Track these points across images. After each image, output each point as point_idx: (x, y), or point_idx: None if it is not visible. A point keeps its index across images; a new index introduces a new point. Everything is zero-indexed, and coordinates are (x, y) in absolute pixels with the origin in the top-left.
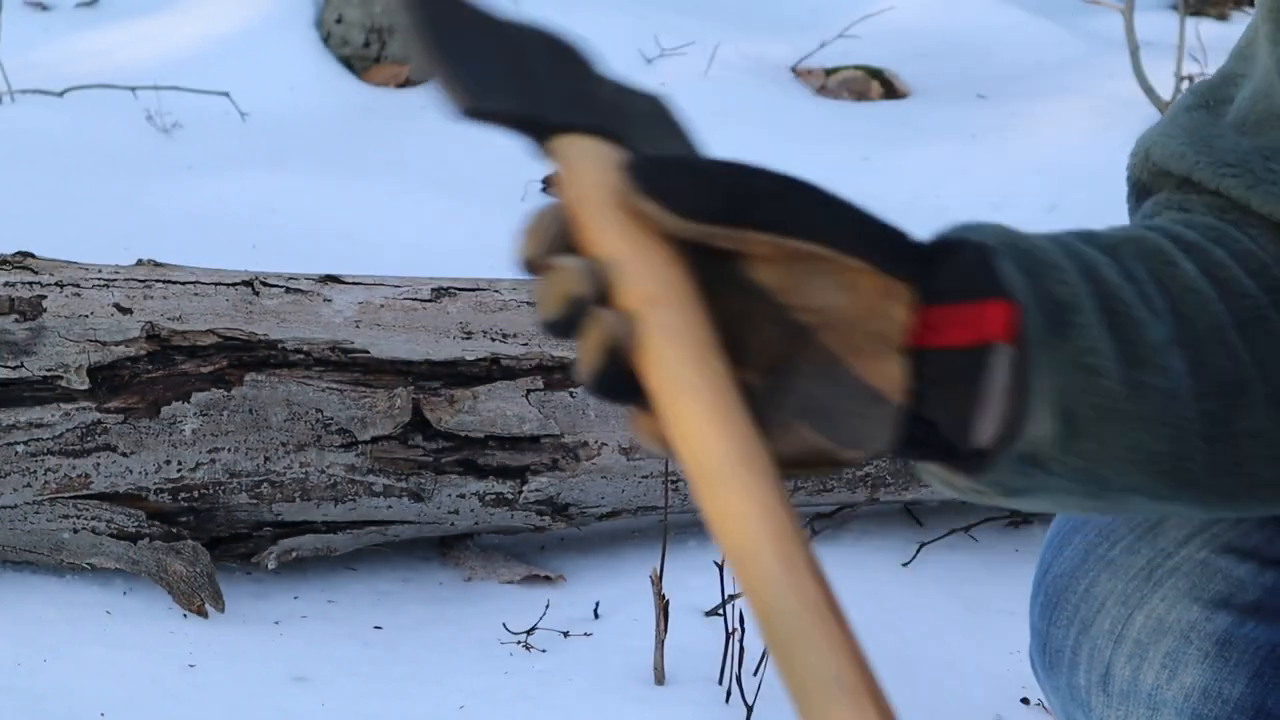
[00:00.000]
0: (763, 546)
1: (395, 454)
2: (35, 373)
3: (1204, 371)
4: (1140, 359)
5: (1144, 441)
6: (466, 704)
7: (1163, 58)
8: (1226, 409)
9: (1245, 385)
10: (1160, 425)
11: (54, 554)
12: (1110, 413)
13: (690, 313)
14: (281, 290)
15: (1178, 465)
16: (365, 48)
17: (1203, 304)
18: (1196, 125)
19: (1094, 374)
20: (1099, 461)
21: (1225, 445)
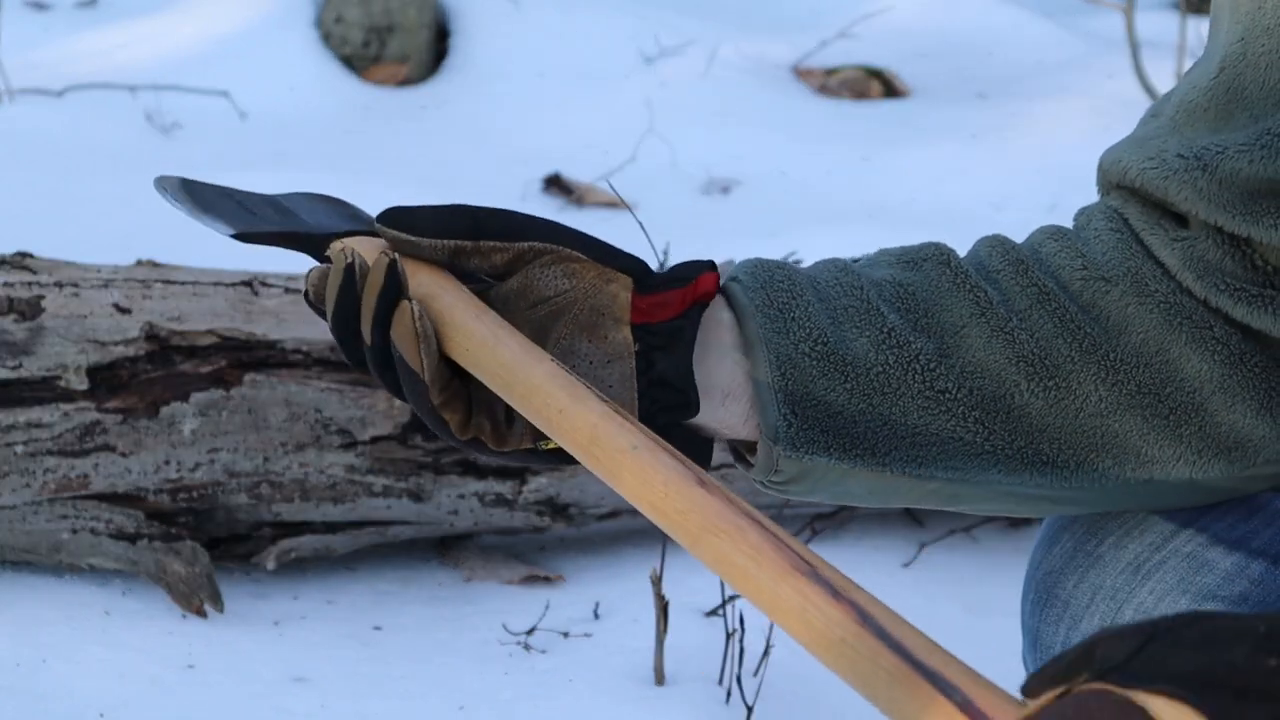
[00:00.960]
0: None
1: (395, 454)
2: (34, 373)
3: (961, 351)
4: (870, 337)
5: (902, 412)
6: (466, 704)
7: (1163, 57)
8: (995, 384)
9: (1012, 363)
10: (913, 395)
11: (53, 554)
12: (839, 383)
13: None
14: (281, 290)
15: (952, 435)
16: (365, 47)
17: (965, 297)
18: (1142, 133)
19: (807, 342)
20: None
21: (1001, 417)
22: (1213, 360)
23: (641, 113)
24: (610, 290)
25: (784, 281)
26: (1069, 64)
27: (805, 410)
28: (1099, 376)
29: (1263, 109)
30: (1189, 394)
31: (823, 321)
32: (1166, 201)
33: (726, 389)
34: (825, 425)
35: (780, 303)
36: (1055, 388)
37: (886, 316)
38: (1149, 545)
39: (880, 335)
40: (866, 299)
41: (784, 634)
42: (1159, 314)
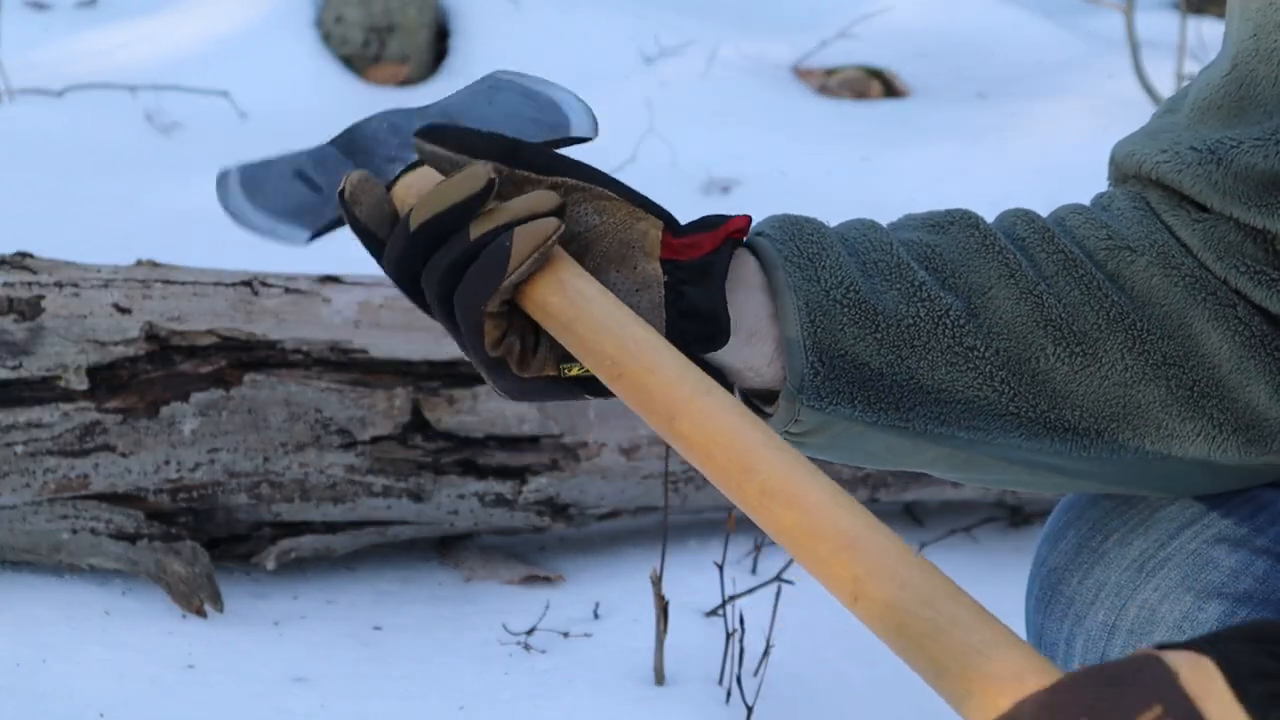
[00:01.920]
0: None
1: (395, 454)
2: (34, 373)
3: (988, 311)
4: (900, 291)
5: (929, 367)
6: (466, 704)
7: (1163, 57)
8: (1022, 346)
9: (1039, 326)
10: (941, 351)
11: (53, 554)
12: (868, 333)
13: None
14: (281, 290)
15: (977, 395)
16: (365, 47)
17: (994, 259)
18: (1155, 126)
19: (838, 290)
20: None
21: (1026, 379)
22: (1233, 340)
23: (641, 113)
24: (640, 227)
25: (812, 234)
26: (1069, 64)
27: (832, 360)
28: (1125, 345)
29: (1276, 105)
30: (1209, 369)
31: (853, 272)
32: (1182, 192)
33: (752, 329)
34: (851, 376)
35: (809, 253)
36: (1081, 353)
37: (916, 272)
38: (1154, 542)
39: (910, 289)
40: (896, 255)
41: (784, 634)
42: (1183, 288)
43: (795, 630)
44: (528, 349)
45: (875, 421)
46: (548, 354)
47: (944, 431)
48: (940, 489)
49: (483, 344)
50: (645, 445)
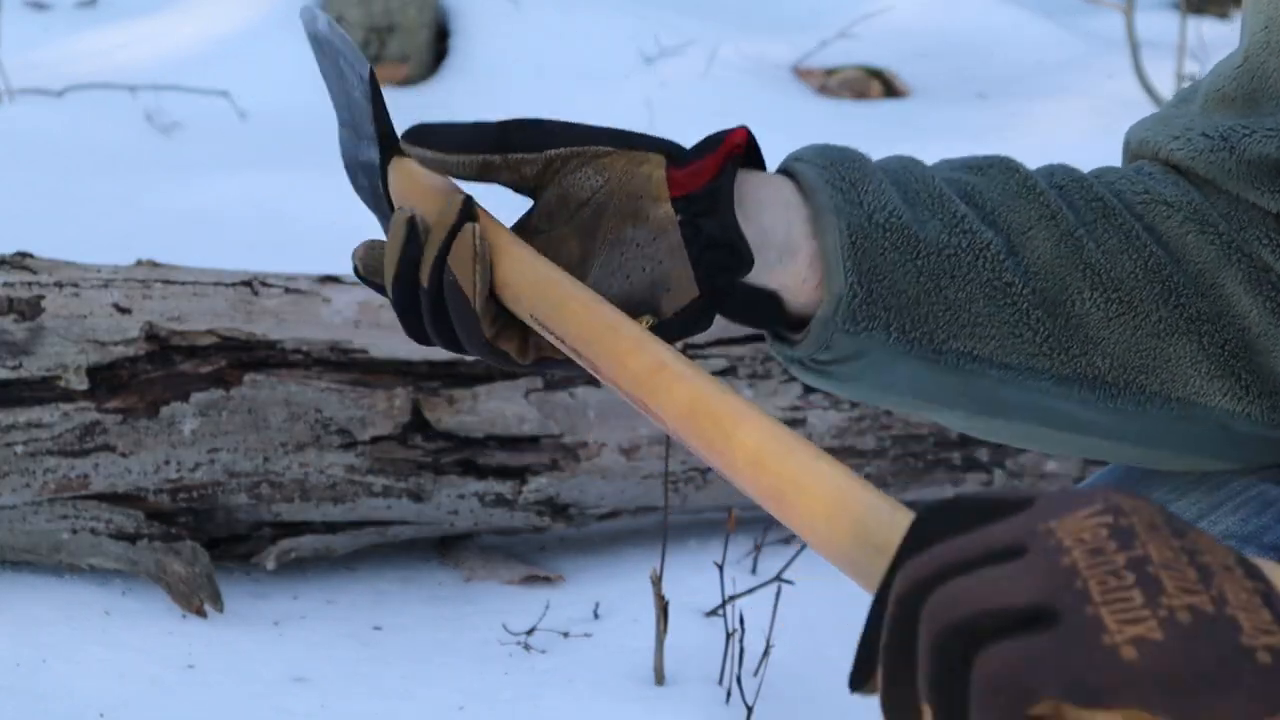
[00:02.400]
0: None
1: (395, 454)
2: (34, 373)
3: (1027, 251)
4: (943, 221)
5: (968, 298)
6: (466, 704)
7: (1163, 57)
8: (1059, 288)
9: (1077, 270)
10: (980, 285)
11: (53, 554)
12: (909, 259)
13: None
14: (281, 290)
15: (1012, 332)
16: (365, 47)
17: (1033, 202)
18: (1168, 113)
19: (882, 214)
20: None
21: (1061, 322)
22: (1263, 305)
23: (641, 113)
24: (643, 172)
25: (854, 160)
26: (1069, 64)
27: (871, 284)
28: (1160, 296)
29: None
30: (1239, 330)
31: (895, 199)
32: (1197, 176)
33: (783, 246)
34: (889, 302)
35: (852, 177)
36: (1118, 300)
37: (958, 205)
38: None
39: (952, 220)
40: (938, 188)
41: (784, 634)
42: (1217, 247)
43: (795, 630)
44: (522, 340)
45: (908, 351)
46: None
47: (974, 368)
48: (940, 489)
49: (489, 350)
50: (645, 445)
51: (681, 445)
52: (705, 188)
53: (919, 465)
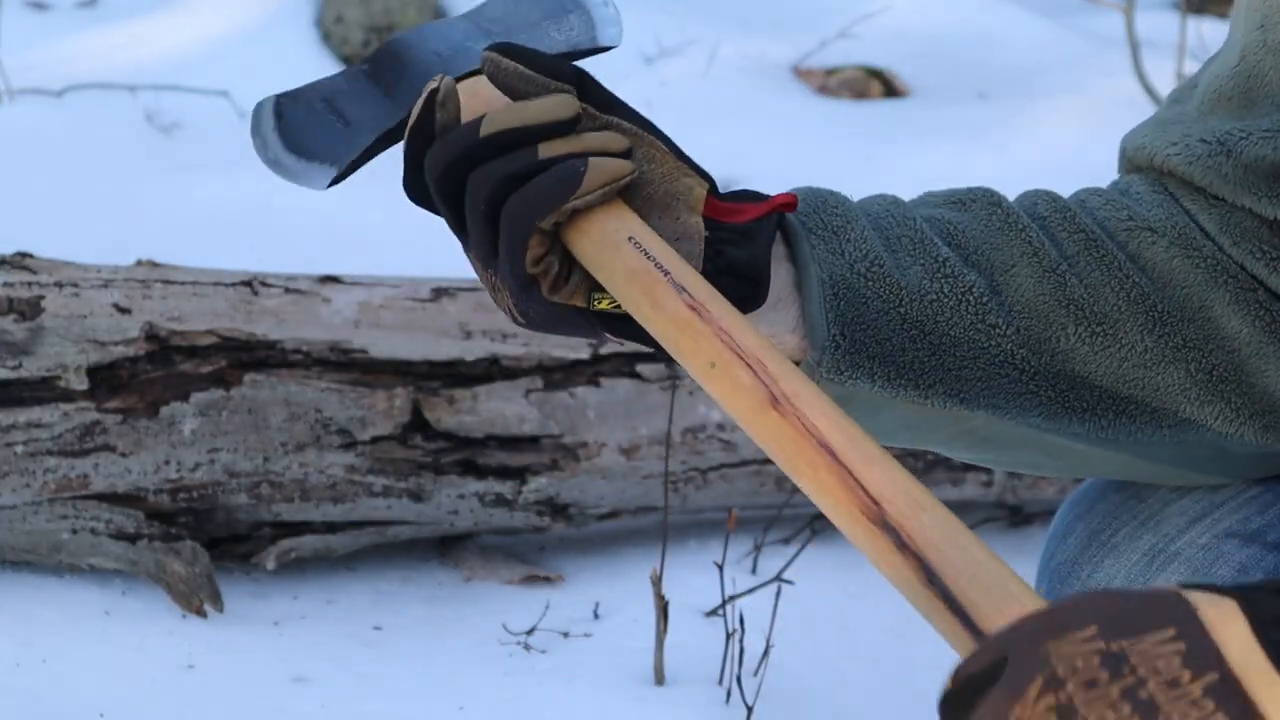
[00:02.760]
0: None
1: (395, 454)
2: (34, 373)
3: (1010, 290)
4: (924, 266)
5: (951, 343)
6: (466, 704)
7: (1163, 57)
8: (1043, 326)
9: (1060, 306)
10: (963, 329)
11: (53, 554)
12: (891, 308)
13: None
14: (281, 290)
15: (997, 372)
16: (365, 47)
17: (1016, 238)
18: (1164, 116)
19: (863, 264)
20: (897, 361)
21: (1046, 359)
22: (1253, 324)
23: (641, 112)
24: (686, 182)
25: (836, 207)
26: (1069, 64)
27: (854, 333)
28: (1145, 326)
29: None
30: (1229, 354)
31: (877, 246)
32: (1193, 184)
33: (776, 296)
34: (872, 351)
35: (834, 225)
36: (1102, 334)
37: (940, 248)
38: (1164, 536)
39: (934, 265)
40: (920, 230)
41: (784, 634)
42: (1203, 270)
43: (795, 630)
44: (562, 274)
45: (895, 396)
46: (580, 283)
47: (963, 410)
48: (940, 489)
49: (523, 259)
50: (645, 445)
51: (682, 446)
52: (743, 225)
53: (919, 465)
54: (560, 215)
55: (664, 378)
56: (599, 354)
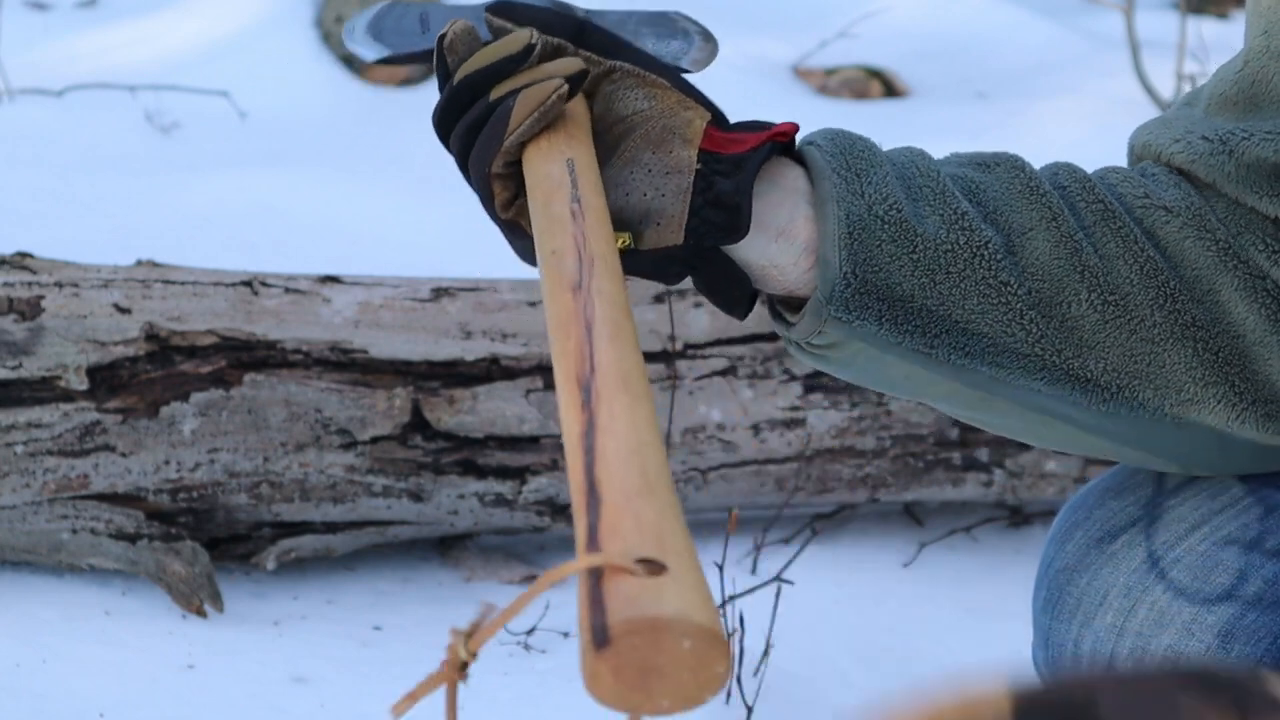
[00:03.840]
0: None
1: (395, 454)
2: (34, 373)
3: (1026, 251)
4: (942, 216)
5: (962, 295)
6: (466, 705)
7: (1163, 57)
8: (1055, 290)
9: (1074, 273)
10: (975, 282)
11: (53, 554)
12: (906, 253)
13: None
14: (280, 290)
15: (1004, 331)
16: None
17: (1036, 203)
18: (1171, 115)
19: (882, 206)
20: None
21: (1056, 324)
22: (1259, 313)
23: None
24: (686, 115)
25: (863, 150)
26: (1069, 64)
27: (866, 275)
28: (1155, 302)
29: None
30: (1234, 338)
31: (898, 192)
32: (1198, 179)
33: (783, 228)
34: (883, 294)
35: (857, 168)
36: (1113, 304)
37: (960, 201)
38: (1163, 544)
39: (952, 217)
40: (942, 183)
41: (784, 634)
42: (1214, 254)
43: (795, 630)
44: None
45: (900, 343)
46: (523, 204)
47: (966, 364)
48: (940, 489)
49: (494, 205)
50: None
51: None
52: (735, 154)
53: (919, 465)
54: (506, 155)
55: (663, 378)
56: None
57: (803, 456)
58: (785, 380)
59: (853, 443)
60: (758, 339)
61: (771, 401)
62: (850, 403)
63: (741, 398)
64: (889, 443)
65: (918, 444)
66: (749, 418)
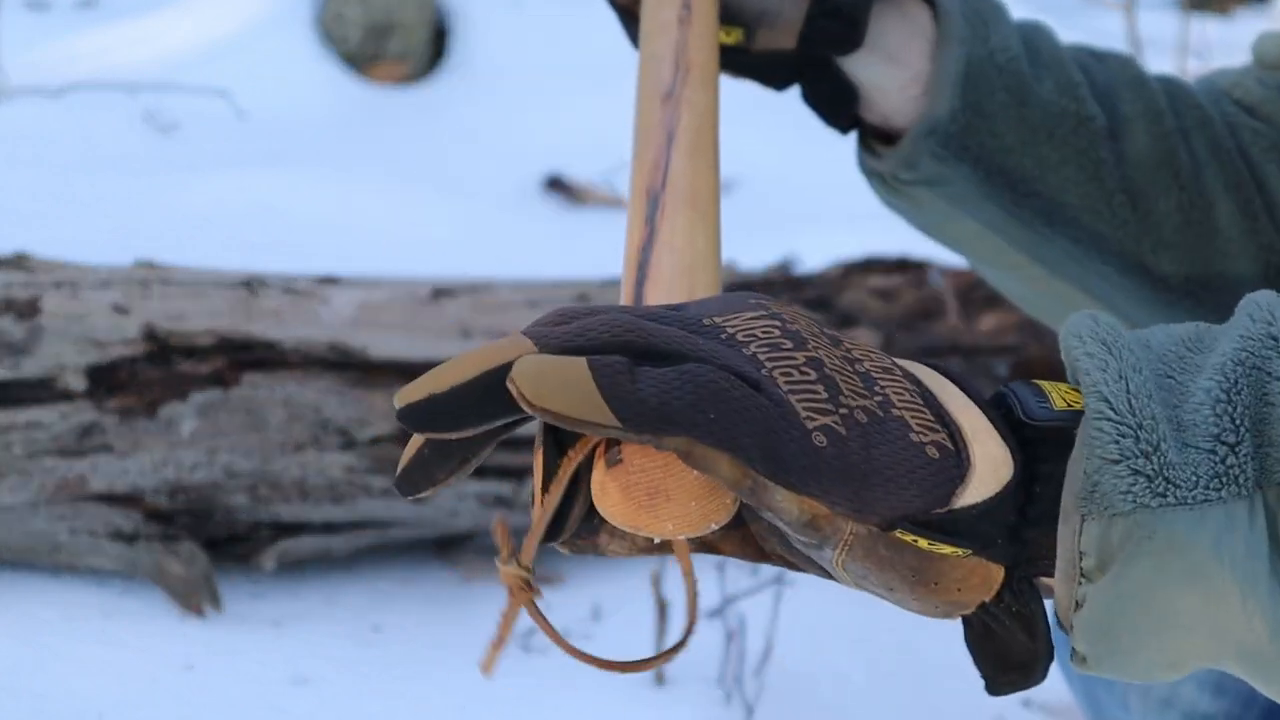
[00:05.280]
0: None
1: (394, 454)
2: (33, 373)
3: (1127, 138)
4: (1057, 82)
5: (1059, 161)
6: (466, 704)
7: (1163, 57)
8: (1147, 182)
9: (1167, 170)
10: (1075, 152)
11: (52, 555)
12: (1016, 106)
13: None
14: (280, 290)
15: (1092, 206)
16: (365, 46)
17: (1143, 95)
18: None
19: (1003, 55)
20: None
21: (1141, 215)
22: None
23: None
24: None
25: (993, 4)
26: None
27: (972, 118)
28: (1235, 216)
29: None
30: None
31: (1019, 48)
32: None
33: (895, 53)
34: (985, 141)
35: (985, 16)
36: (1198, 208)
37: (1076, 73)
38: None
39: (1067, 85)
40: (1061, 52)
41: (784, 634)
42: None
43: (795, 630)
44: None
45: (988, 194)
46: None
47: (1046, 232)
48: None
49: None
50: None
51: None
52: None
53: None
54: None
55: None
56: None
57: None
58: None
59: None
60: None
61: None
62: None
63: None
64: None
65: None
66: None
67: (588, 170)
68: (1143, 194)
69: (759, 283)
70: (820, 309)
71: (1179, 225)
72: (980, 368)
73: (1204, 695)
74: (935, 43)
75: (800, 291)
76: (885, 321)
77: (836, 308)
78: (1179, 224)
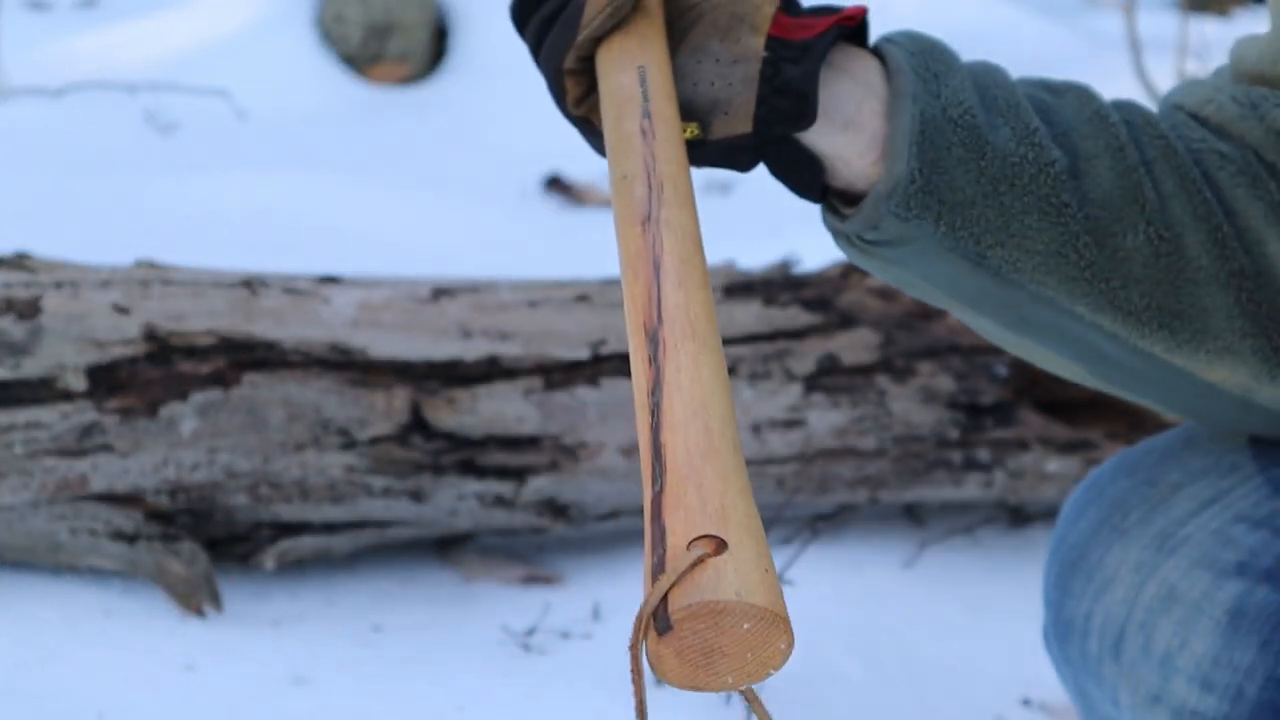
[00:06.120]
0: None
1: (394, 454)
2: (33, 373)
3: (1089, 178)
4: (1014, 129)
5: (1022, 209)
6: (466, 705)
7: (1163, 57)
8: (1112, 220)
9: (1133, 206)
10: (1037, 199)
11: (51, 555)
12: (974, 159)
13: None
14: (280, 290)
15: (1058, 251)
16: (365, 46)
17: (1103, 132)
18: (1200, 79)
19: (957, 110)
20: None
21: (1108, 254)
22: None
23: None
24: (754, 2)
25: (942, 54)
26: (1069, 64)
27: (931, 174)
28: (1205, 245)
29: None
30: (1276, 293)
31: (973, 98)
32: (1232, 134)
33: (850, 119)
34: (945, 196)
35: (936, 70)
36: (1166, 240)
37: (1032, 118)
38: (1174, 520)
39: (1023, 131)
40: (1016, 97)
41: None
42: (1265, 205)
43: (796, 631)
44: (584, 91)
45: (953, 248)
46: (595, 102)
47: (1014, 279)
48: (940, 489)
49: (566, 101)
50: None
51: None
52: (803, 40)
53: (919, 465)
54: (579, 50)
55: None
56: (599, 354)
57: (803, 457)
58: (786, 380)
59: (853, 443)
60: (757, 339)
61: (772, 402)
62: (851, 403)
63: (742, 398)
64: (889, 443)
65: (918, 444)
66: (749, 418)
67: (588, 170)
68: (1109, 232)
69: (759, 282)
70: (820, 309)
71: (1148, 259)
72: (980, 368)
73: (1193, 691)
74: (887, 101)
75: (800, 291)
76: (885, 321)
77: (836, 307)
78: (1148, 257)
